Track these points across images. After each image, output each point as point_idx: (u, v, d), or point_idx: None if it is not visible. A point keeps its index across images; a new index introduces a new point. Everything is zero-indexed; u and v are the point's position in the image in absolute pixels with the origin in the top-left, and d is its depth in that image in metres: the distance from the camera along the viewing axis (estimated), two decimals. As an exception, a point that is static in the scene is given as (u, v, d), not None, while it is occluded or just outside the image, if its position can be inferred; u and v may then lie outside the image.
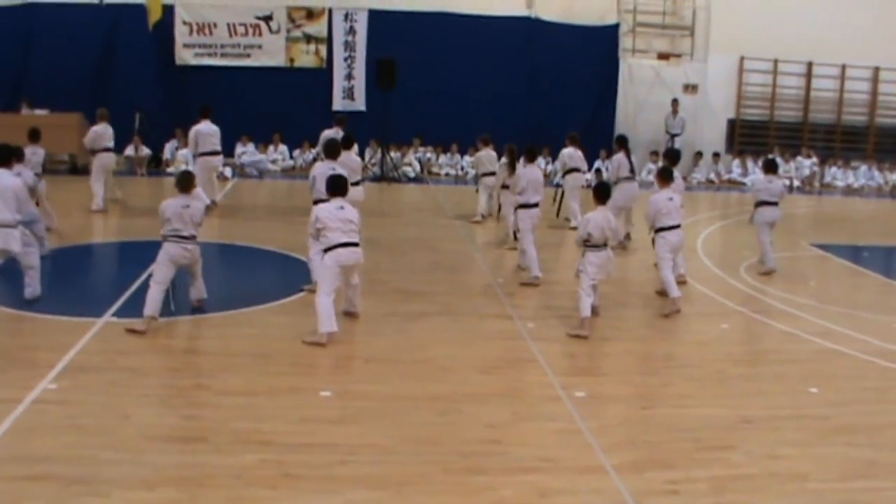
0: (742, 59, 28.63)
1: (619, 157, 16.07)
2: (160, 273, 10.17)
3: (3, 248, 10.41)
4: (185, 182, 10.55)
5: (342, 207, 10.07)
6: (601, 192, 11.08)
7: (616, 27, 27.98)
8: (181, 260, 10.34)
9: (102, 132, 18.01)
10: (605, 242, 10.79)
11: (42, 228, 12.86)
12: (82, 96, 23.51)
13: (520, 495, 6.59)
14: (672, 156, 14.34)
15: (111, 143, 18.09)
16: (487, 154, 18.41)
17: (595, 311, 11.00)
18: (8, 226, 10.41)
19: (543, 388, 8.96)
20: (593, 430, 7.83)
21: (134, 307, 10.28)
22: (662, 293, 12.29)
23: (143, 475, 6.55)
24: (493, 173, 17.90)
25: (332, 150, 12.58)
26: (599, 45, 27.67)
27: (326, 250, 9.96)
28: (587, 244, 10.79)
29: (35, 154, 14.50)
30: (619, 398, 8.81)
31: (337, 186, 10.25)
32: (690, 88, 28.79)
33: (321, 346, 9.72)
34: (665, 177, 12.32)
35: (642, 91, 28.71)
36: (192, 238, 10.36)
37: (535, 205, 13.57)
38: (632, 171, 15.98)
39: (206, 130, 17.55)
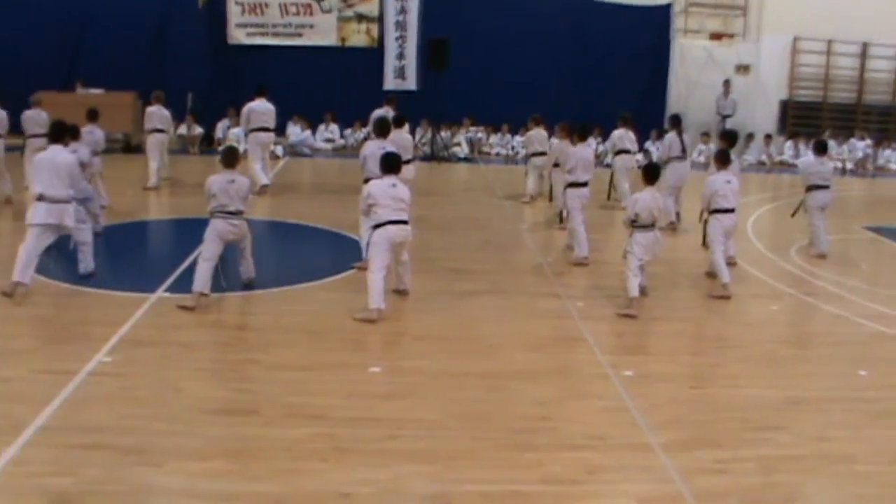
0: (795, 39, 28.21)
1: (672, 136, 15.99)
2: (208, 249, 10.28)
3: (57, 223, 10.53)
4: (230, 157, 10.66)
5: (395, 185, 10.15)
6: (650, 173, 11.04)
7: (668, 7, 27.67)
8: (228, 235, 10.42)
9: (152, 113, 18.40)
10: (652, 223, 10.76)
11: (97, 206, 13.01)
12: (136, 76, 23.73)
13: (568, 471, 6.63)
14: (729, 138, 14.17)
15: (161, 125, 18.39)
16: (538, 134, 18.32)
17: (643, 291, 10.97)
18: (62, 201, 10.53)
19: (592, 366, 8.98)
20: (641, 408, 7.85)
21: (186, 283, 10.39)
22: (712, 274, 12.21)
23: (195, 446, 6.68)
24: (543, 153, 17.83)
25: (382, 129, 12.61)
26: (652, 26, 27.42)
27: (376, 227, 10.04)
28: (634, 224, 10.76)
29: (91, 133, 14.64)
30: (667, 377, 8.80)
31: (391, 164, 10.33)
32: (743, 69, 28.46)
33: (371, 323, 9.80)
34: (723, 159, 12.20)
35: (694, 72, 28.39)
36: (238, 213, 10.44)
37: (585, 184, 13.53)
38: (683, 150, 15.88)
39: (259, 108, 17.66)
